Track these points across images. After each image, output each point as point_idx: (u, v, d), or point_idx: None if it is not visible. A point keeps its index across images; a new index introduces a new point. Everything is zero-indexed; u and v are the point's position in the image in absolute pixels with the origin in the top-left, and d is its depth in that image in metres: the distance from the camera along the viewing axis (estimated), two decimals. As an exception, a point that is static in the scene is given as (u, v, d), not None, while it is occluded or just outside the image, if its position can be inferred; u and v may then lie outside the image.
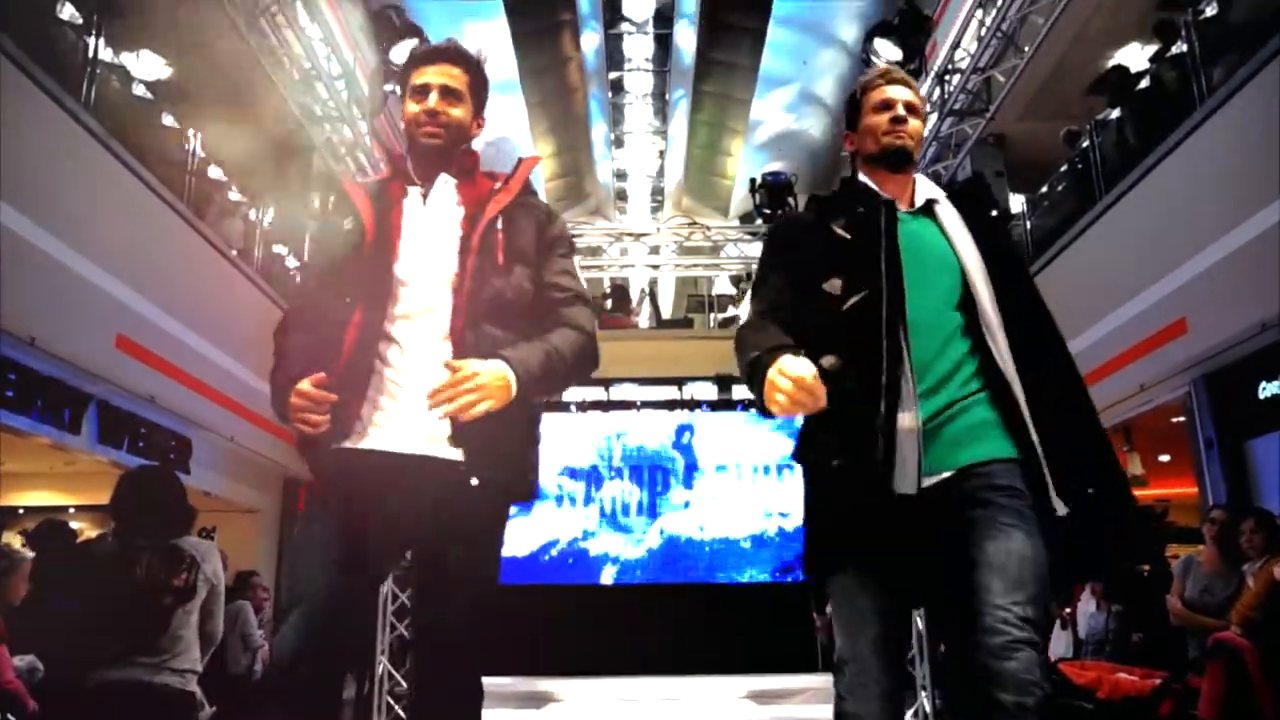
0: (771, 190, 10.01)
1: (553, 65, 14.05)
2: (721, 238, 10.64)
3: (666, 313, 15.21)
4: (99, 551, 3.27)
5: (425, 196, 2.11)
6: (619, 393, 10.05)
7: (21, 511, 9.42)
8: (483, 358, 1.84)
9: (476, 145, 2.22)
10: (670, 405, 9.84)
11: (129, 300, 6.63)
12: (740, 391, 10.26)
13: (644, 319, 13.21)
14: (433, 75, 2.10)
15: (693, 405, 9.80)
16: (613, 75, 14.60)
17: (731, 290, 13.43)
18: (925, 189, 2.12)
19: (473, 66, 2.15)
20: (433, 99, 2.08)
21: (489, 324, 1.95)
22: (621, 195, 18.51)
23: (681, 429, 9.64)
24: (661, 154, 17.20)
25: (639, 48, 14.12)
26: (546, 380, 1.93)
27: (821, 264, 1.99)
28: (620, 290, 13.01)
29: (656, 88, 15.22)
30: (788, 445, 9.56)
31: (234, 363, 8.11)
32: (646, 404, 9.80)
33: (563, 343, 1.98)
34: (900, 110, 2.10)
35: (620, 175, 17.92)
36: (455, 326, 1.94)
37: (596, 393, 9.81)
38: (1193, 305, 6.39)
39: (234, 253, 8.45)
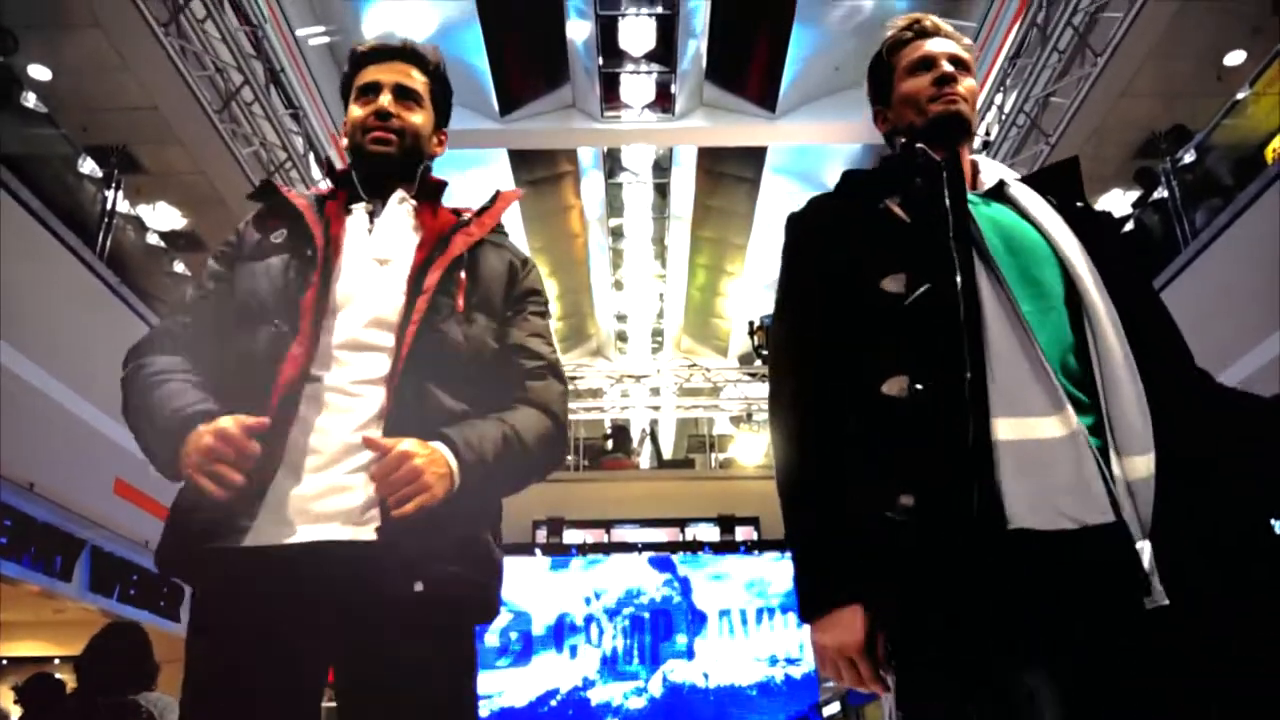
0: (769, 331, 10.17)
1: (555, 212, 14.52)
2: (721, 379, 10.73)
3: (667, 453, 15.18)
4: (60, 710, 3.20)
5: (372, 215, 1.68)
6: (620, 535, 9.93)
7: (4, 663, 9.14)
8: (423, 427, 1.44)
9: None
10: (672, 548, 9.69)
11: (132, 446, 6.62)
12: (743, 533, 10.14)
13: (645, 459, 13.17)
14: (384, 74, 1.73)
15: (695, 547, 9.65)
16: (613, 222, 15.06)
17: (732, 430, 13.45)
18: (992, 169, 1.61)
19: (432, 70, 1.79)
20: (384, 99, 1.70)
21: (437, 385, 1.51)
22: (622, 337, 18.78)
23: (683, 572, 9.47)
24: (661, 296, 17.55)
25: (638, 196, 14.61)
26: (501, 473, 1.49)
27: (873, 255, 1.45)
28: (621, 431, 13.03)
29: (656, 233, 15.66)
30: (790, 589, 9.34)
31: (232, 506, 8.03)
32: (648, 546, 9.66)
33: (527, 426, 1.55)
34: (946, 66, 1.59)
35: (621, 317, 18.22)
36: (392, 385, 1.48)
37: (597, 535, 9.69)
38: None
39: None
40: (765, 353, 10.15)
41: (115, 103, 7.86)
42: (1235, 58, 8.10)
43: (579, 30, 11.01)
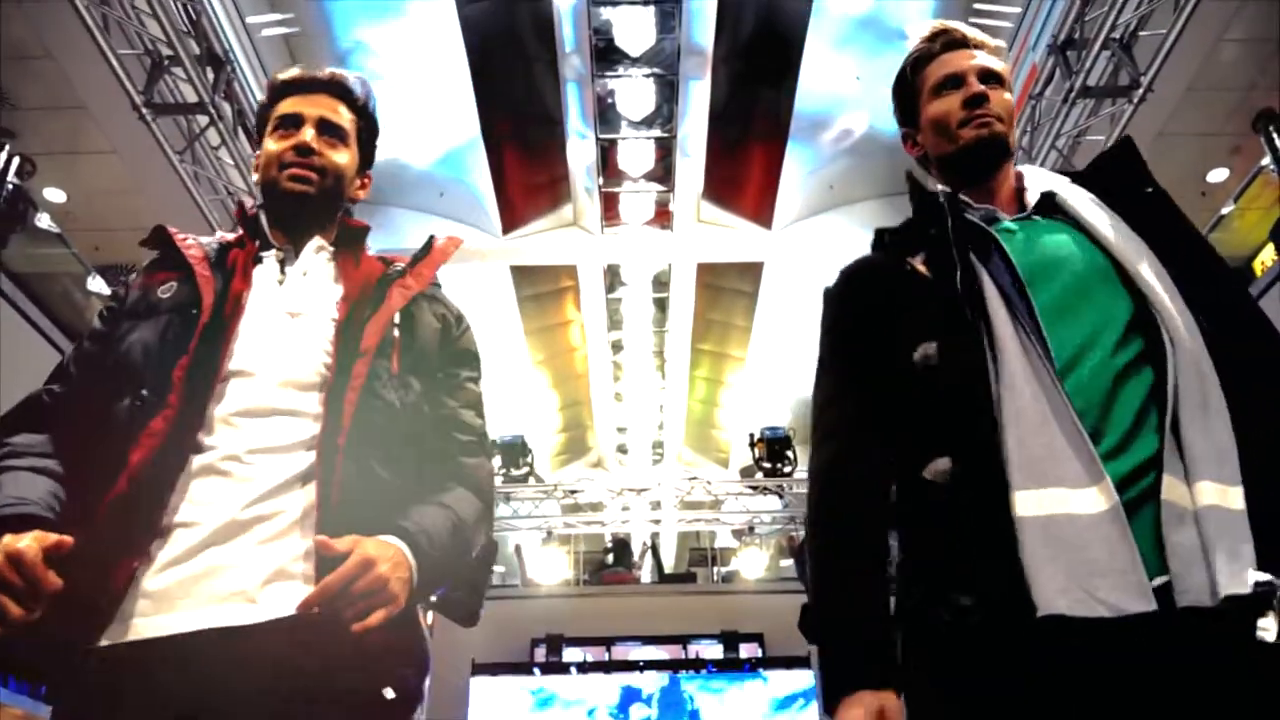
0: (770, 444, 10.16)
1: (555, 326, 14.68)
2: (723, 491, 10.66)
3: (669, 567, 14.95)
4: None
5: (283, 264, 1.50)
6: (620, 652, 9.68)
7: (-18, 792, 8.78)
8: (363, 510, 1.27)
9: None
10: (675, 666, 9.44)
11: (124, 561, 6.56)
12: (747, 650, 9.89)
13: (646, 573, 12.96)
14: (307, 106, 1.55)
15: (698, 665, 9.40)
16: (613, 335, 15.19)
17: (734, 543, 13.27)
18: (1038, 180, 1.44)
19: (360, 106, 1.61)
20: (307, 133, 1.52)
21: (378, 461, 1.33)
22: (622, 449, 18.71)
23: (686, 692, 9.19)
24: (661, 409, 17.56)
25: (638, 310, 14.78)
26: (448, 565, 1.32)
27: (904, 323, 1.32)
28: (622, 545, 12.86)
29: (655, 346, 15.79)
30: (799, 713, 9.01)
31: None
32: (649, 664, 9.40)
33: (466, 512, 1.37)
34: (975, 85, 1.42)
35: (621, 429, 18.19)
36: (332, 464, 1.29)
37: (597, 652, 9.45)
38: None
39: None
40: (766, 465, 10.11)
41: (127, 223, 8.06)
42: (1218, 175, 8.35)
43: (579, 152, 11.37)
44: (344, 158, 1.56)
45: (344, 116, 1.57)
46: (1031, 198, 1.42)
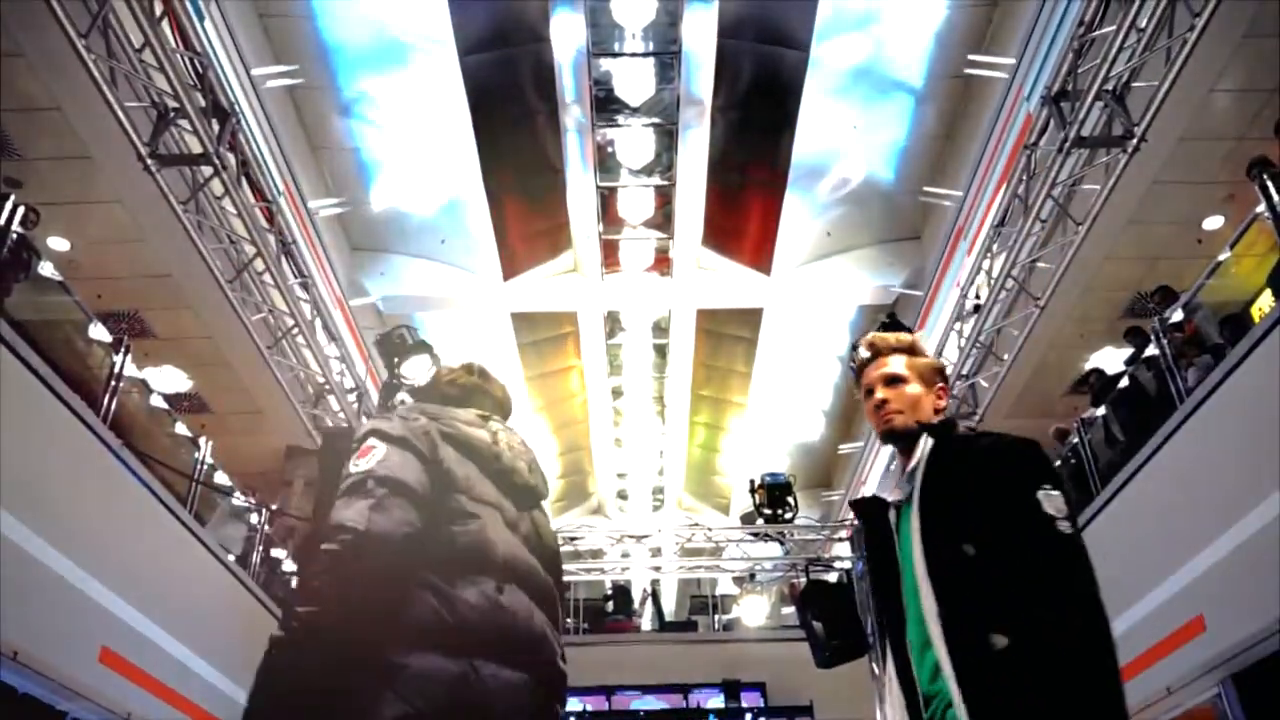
0: (770, 490, 10.11)
1: (555, 372, 14.70)
2: (723, 538, 10.59)
3: (669, 614, 14.79)
4: None
5: None
6: (621, 701, 9.56)
7: None
8: None
9: None
10: (676, 716, 9.31)
11: (120, 612, 6.49)
12: (749, 699, 9.76)
13: (646, 621, 12.83)
14: None
15: (700, 715, 9.27)
16: (613, 381, 15.21)
17: (735, 590, 13.16)
18: (918, 455, 1.86)
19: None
20: None
21: None
22: (623, 495, 18.62)
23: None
24: (661, 454, 17.51)
25: (638, 355, 14.82)
26: None
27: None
28: (622, 592, 12.75)
29: (655, 391, 15.79)
30: (801, 761, 8.76)
31: (218, 675, 7.78)
32: (650, 714, 9.28)
33: None
34: (879, 393, 1.90)
35: (621, 475, 18.12)
36: None
37: (598, 702, 9.32)
38: (1208, 602, 6.24)
39: (231, 558, 8.37)
40: (767, 511, 10.05)
41: (130, 271, 8.12)
42: (1213, 222, 8.41)
43: (580, 199, 11.47)
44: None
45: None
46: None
